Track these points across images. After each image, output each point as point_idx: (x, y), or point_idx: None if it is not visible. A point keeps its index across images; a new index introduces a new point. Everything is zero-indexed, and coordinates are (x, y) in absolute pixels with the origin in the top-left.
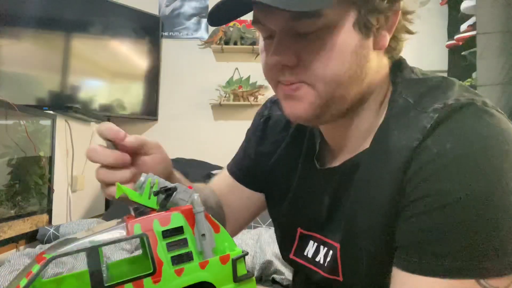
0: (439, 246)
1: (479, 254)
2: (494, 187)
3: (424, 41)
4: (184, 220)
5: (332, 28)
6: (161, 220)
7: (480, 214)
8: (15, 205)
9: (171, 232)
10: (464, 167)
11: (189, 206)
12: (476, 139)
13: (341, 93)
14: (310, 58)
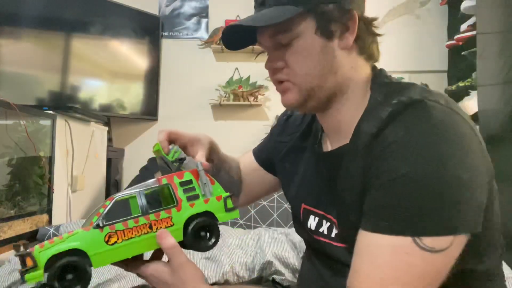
0: (387, 210)
1: (417, 216)
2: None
3: (424, 41)
4: (191, 176)
5: (300, 37)
6: (178, 175)
7: (420, 185)
8: (15, 205)
9: (185, 183)
10: (409, 150)
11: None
12: (421, 128)
13: (316, 84)
14: (291, 61)
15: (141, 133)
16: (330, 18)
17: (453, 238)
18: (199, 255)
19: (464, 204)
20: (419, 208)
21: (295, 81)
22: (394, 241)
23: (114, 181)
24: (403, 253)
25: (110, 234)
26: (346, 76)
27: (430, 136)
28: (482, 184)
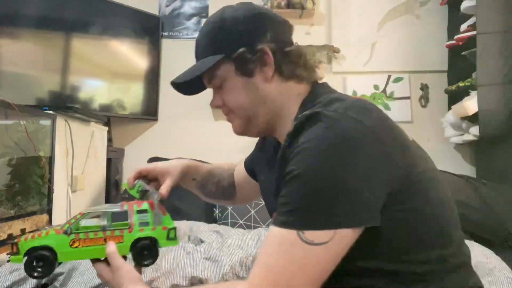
0: (282, 206)
1: (301, 212)
2: (318, 165)
3: (424, 41)
4: (148, 206)
5: (226, 80)
6: (138, 204)
7: (307, 184)
8: (15, 205)
9: (141, 211)
10: (303, 155)
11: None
12: (313, 137)
13: (250, 114)
14: (225, 99)
15: (141, 133)
16: (245, 59)
17: (333, 232)
18: (199, 255)
19: (346, 201)
20: (303, 204)
21: (234, 113)
22: (283, 233)
23: (114, 181)
24: (288, 245)
25: (74, 240)
26: (276, 103)
27: (322, 141)
28: (372, 182)
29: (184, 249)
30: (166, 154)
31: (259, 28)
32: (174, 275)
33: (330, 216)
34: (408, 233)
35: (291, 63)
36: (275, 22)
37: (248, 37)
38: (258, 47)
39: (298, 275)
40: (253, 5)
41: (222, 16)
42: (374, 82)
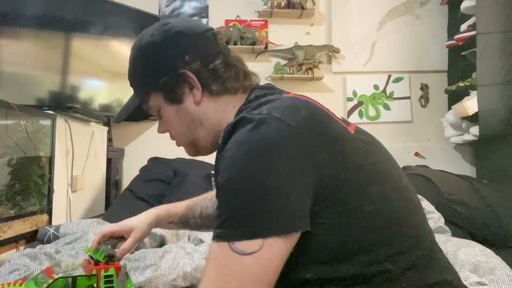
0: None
1: (230, 224)
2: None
3: (424, 41)
4: (114, 271)
5: (159, 110)
6: (105, 269)
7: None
8: (15, 205)
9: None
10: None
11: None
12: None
13: (191, 138)
14: (166, 128)
15: (141, 133)
16: (170, 87)
17: (262, 241)
18: (199, 255)
19: (271, 208)
20: (230, 215)
21: (177, 140)
22: (217, 247)
23: (114, 181)
24: (222, 258)
25: None
26: (214, 120)
27: (241, 147)
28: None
29: (184, 249)
30: (166, 154)
31: (177, 51)
32: (174, 275)
33: (257, 224)
34: (348, 235)
35: (219, 79)
36: (193, 38)
37: (168, 63)
38: (179, 71)
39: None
40: (167, 25)
41: (140, 44)
42: (374, 82)
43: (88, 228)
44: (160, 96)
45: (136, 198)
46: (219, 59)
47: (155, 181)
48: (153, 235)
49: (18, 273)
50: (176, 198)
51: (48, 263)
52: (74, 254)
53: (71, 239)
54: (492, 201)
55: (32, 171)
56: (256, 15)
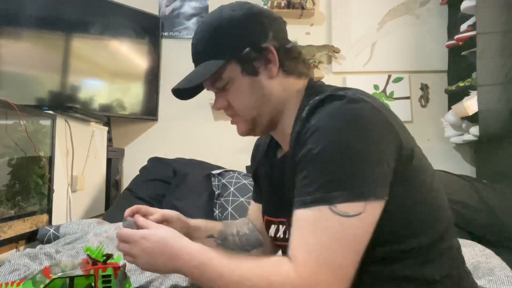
0: (306, 187)
1: (330, 187)
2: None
3: (424, 41)
4: (112, 271)
5: (232, 81)
6: (103, 269)
7: (330, 160)
8: (15, 205)
9: (106, 275)
10: (321, 132)
11: (117, 265)
12: (327, 115)
13: (256, 114)
14: (230, 100)
15: (141, 133)
16: (250, 59)
17: (364, 204)
18: None
19: (369, 174)
20: (330, 179)
21: (239, 115)
22: (315, 212)
23: (114, 181)
24: (323, 221)
25: None
26: (280, 99)
27: (337, 118)
28: (385, 158)
29: None
30: (166, 154)
31: (261, 27)
32: (174, 275)
33: (359, 188)
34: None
35: (292, 60)
36: (273, 20)
37: (252, 37)
38: (262, 45)
39: (339, 249)
40: (250, 4)
41: (220, 17)
42: (374, 82)
43: (88, 228)
44: (238, 68)
45: (136, 198)
46: (292, 43)
47: (155, 181)
48: None
49: (18, 273)
50: (176, 198)
51: (48, 263)
52: (74, 254)
53: (71, 239)
54: (492, 201)
55: (32, 171)
56: None
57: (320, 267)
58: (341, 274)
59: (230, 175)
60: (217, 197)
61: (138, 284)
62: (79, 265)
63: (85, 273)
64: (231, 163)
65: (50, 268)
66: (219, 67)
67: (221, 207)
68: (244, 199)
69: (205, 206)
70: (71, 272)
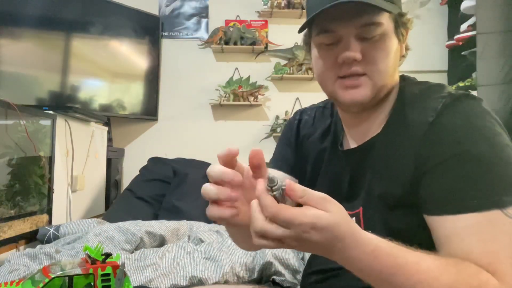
0: (468, 191)
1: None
2: (488, 143)
3: (424, 41)
4: (111, 270)
5: (385, 35)
6: (102, 268)
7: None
8: (15, 205)
9: (105, 275)
10: (466, 133)
11: (116, 264)
12: (472, 115)
13: (386, 83)
14: (372, 55)
15: (141, 133)
16: (402, 23)
17: None
18: (199, 255)
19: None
20: (499, 182)
21: (372, 77)
22: (488, 216)
23: (114, 181)
24: (500, 225)
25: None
26: (395, 79)
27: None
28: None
29: (184, 249)
30: (166, 154)
31: None
32: (174, 274)
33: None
34: None
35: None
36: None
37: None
38: (407, 17)
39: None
40: None
41: None
42: None
43: (88, 228)
44: (392, 24)
45: (136, 198)
46: None
47: (155, 181)
48: (153, 235)
49: (17, 273)
50: (176, 198)
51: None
52: (74, 254)
53: (71, 239)
54: None
55: (32, 171)
56: (256, 15)
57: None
58: None
59: None
60: None
61: (138, 283)
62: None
63: (84, 272)
64: None
65: (49, 267)
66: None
67: None
68: None
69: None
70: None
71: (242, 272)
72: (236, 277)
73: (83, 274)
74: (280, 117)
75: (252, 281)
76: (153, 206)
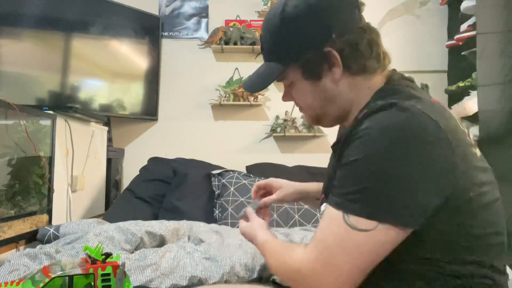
0: (336, 188)
1: (351, 196)
2: (374, 155)
3: (424, 41)
4: (111, 270)
5: (294, 83)
6: (102, 267)
7: (361, 172)
8: (15, 205)
9: (105, 274)
10: (363, 141)
11: (116, 264)
12: (378, 125)
13: (320, 113)
14: (295, 98)
15: (141, 133)
16: (312, 63)
17: (376, 224)
18: (199, 255)
19: (396, 198)
20: (353, 190)
21: (305, 111)
22: (333, 213)
23: (114, 181)
24: (334, 224)
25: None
26: (347, 99)
27: (388, 130)
28: (430, 188)
29: (184, 249)
30: (166, 154)
31: (324, 27)
32: (174, 274)
33: (377, 208)
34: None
35: (361, 59)
36: (339, 16)
37: (314, 39)
38: (325, 49)
39: (339, 254)
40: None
41: (284, 14)
42: None
43: (88, 228)
44: (299, 71)
45: (136, 198)
46: (363, 37)
47: (155, 181)
48: (153, 235)
49: (17, 273)
50: (176, 198)
51: (48, 263)
52: (74, 254)
53: (71, 239)
54: None
55: (32, 171)
56: (256, 15)
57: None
58: (337, 273)
59: (230, 175)
60: (217, 197)
61: (138, 283)
62: (78, 264)
63: (84, 272)
64: (231, 163)
65: (50, 267)
66: (280, 73)
67: (221, 207)
68: (244, 199)
69: (205, 206)
70: (70, 271)
71: (242, 272)
72: (236, 277)
73: (83, 274)
74: (280, 117)
75: (252, 281)
76: (153, 206)
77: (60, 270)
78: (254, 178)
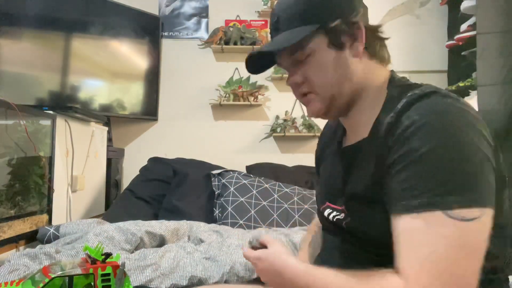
0: (413, 190)
1: (443, 191)
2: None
3: (424, 41)
4: (111, 270)
5: (315, 52)
6: (102, 268)
7: (440, 162)
8: (15, 205)
9: (105, 274)
10: (427, 131)
11: (116, 264)
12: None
13: (336, 91)
14: (309, 75)
15: (141, 133)
16: (339, 31)
17: (480, 210)
18: (199, 255)
19: (485, 181)
20: (441, 182)
21: (317, 92)
22: (427, 218)
23: (114, 181)
24: (438, 226)
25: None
26: (361, 81)
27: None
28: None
29: (184, 249)
30: (166, 154)
31: (350, 1)
32: (174, 274)
33: (475, 193)
34: None
35: (378, 42)
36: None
37: (344, 9)
38: (352, 19)
39: (460, 256)
40: None
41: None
42: None
43: (88, 228)
44: (325, 39)
45: (136, 198)
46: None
47: (155, 181)
48: (153, 235)
49: (17, 273)
50: (176, 198)
51: (48, 263)
52: (74, 254)
53: (71, 239)
54: None
55: (32, 171)
56: (256, 15)
57: (436, 280)
58: (463, 282)
59: (230, 175)
60: (217, 197)
61: (138, 283)
62: (78, 264)
63: (84, 272)
64: (231, 163)
65: (49, 267)
66: (307, 33)
67: (221, 207)
68: (244, 199)
69: (205, 206)
70: (70, 271)
71: (242, 272)
72: (236, 277)
73: (83, 274)
74: (280, 117)
75: (252, 281)
76: (153, 206)
77: (60, 270)
78: (254, 178)
